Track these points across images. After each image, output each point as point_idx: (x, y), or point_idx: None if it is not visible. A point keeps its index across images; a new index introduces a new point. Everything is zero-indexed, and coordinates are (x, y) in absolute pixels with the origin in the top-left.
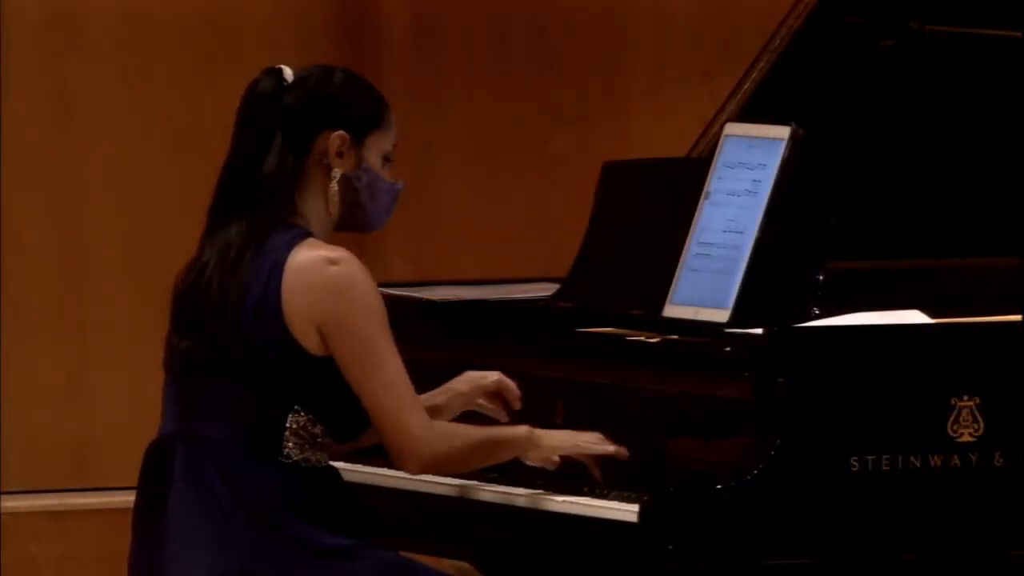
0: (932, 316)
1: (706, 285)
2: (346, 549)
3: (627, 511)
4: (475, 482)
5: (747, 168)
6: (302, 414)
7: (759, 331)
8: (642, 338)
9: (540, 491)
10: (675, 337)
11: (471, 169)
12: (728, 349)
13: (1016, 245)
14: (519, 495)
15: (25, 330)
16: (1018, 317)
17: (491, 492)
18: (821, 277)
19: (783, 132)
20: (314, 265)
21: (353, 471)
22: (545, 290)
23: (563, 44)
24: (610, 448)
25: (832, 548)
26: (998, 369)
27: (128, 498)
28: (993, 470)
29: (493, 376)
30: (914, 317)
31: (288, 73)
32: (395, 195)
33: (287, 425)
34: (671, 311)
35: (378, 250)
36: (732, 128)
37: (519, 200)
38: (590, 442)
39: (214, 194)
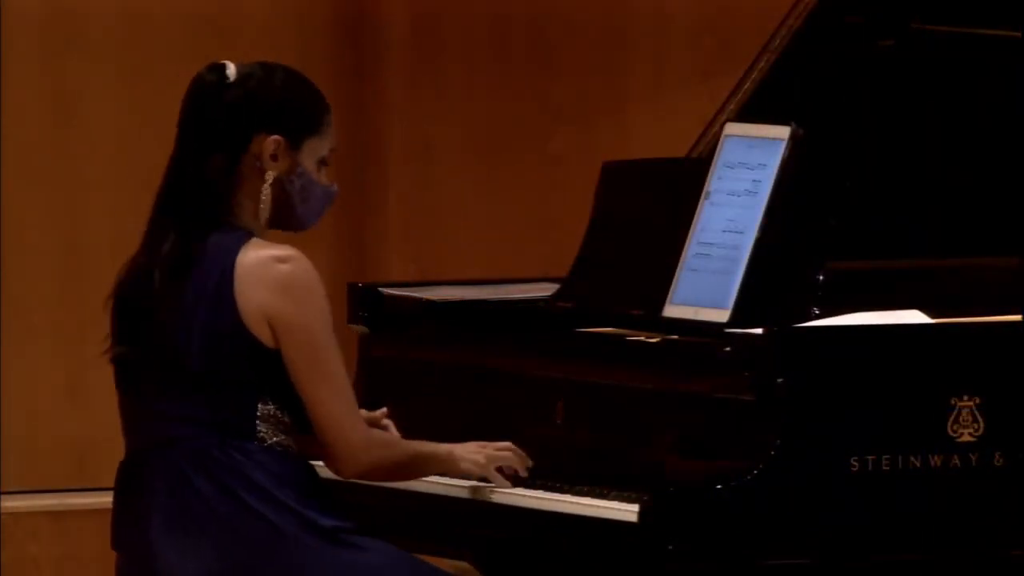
0: (932, 316)
1: (706, 285)
2: (342, 529)
3: (627, 511)
4: (475, 482)
5: (747, 168)
6: (270, 404)
7: (759, 331)
8: (642, 338)
9: (540, 491)
10: (675, 337)
11: (471, 169)
12: (728, 349)
13: (1016, 245)
14: (519, 495)
15: (25, 330)
16: (1018, 317)
17: (491, 492)
18: (821, 277)
19: (783, 132)
20: (265, 263)
21: None
22: (545, 290)
23: (563, 44)
24: (519, 467)
25: (832, 548)
26: (998, 369)
27: None
28: (993, 470)
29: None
30: (914, 317)
31: (231, 70)
32: (329, 198)
33: (257, 413)
34: (671, 311)
35: (378, 250)
36: (732, 128)
37: (519, 200)
38: (500, 464)
39: (159, 193)
